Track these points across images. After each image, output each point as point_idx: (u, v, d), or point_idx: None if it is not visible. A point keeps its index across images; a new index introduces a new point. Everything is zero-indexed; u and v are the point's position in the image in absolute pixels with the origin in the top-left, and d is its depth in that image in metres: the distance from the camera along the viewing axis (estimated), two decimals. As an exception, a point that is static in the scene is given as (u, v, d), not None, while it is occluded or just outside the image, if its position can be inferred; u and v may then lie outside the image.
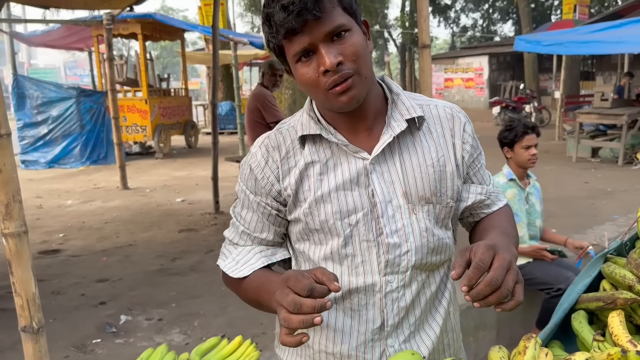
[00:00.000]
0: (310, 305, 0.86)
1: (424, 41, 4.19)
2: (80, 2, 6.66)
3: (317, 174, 1.12)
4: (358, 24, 1.07)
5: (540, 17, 31.95)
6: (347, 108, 1.06)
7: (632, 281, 1.42)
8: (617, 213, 5.63)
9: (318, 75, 1.01)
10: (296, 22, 0.97)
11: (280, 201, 1.16)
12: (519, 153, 3.27)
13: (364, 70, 1.04)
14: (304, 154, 1.13)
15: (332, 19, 0.99)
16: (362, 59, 1.03)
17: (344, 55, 1.00)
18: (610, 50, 9.79)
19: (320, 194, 1.11)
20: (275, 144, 1.15)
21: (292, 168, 1.13)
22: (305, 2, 0.96)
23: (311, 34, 0.99)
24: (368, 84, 1.07)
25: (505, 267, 0.88)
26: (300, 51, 1.01)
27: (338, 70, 1.00)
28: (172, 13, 48.94)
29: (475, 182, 1.22)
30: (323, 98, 1.05)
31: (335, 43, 1.01)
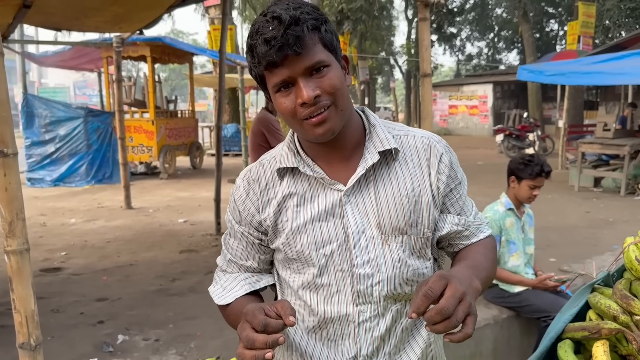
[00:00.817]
0: (262, 341, 0.92)
1: (425, 70, 4.27)
2: (91, 25, 6.81)
3: (294, 206, 1.16)
4: (337, 59, 1.11)
5: (545, 47, 32.25)
6: (323, 139, 1.10)
7: (617, 312, 1.45)
8: (617, 243, 5.62)
9: (295, 106, 1.06)
10: (277, 57, 1.02)
11: (261, 231, 1.22)
12: (523, 188, 3.30)
13: (341, 103, 1.08)
14: (282, 186, 1.18)
15: (312, 55, 1.04)
16: (340, 92, 1.07)
17: (321, 88, 1.05)
18: (612, 81, 9.89)
19: (297, 225, 1.15)
20: (256, 177, 1.21)
21: (271, 200, 1.19)
22: (287, 38, 1.00)
23: (290, 67, 1.03)
24: (345, 116, 1.11)
25: (457, 298, 0.90)
26: (279, 82, 1.06)
27: (315, 102, 1.05)
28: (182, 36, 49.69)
29: (452, 212, 1.22)
30: (299, 128, 1.10)
31: (314, 77, 1.05)
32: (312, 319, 1.18)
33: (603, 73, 8.34)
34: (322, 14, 1.08)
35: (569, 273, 4.16)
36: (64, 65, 14.92)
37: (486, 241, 1.26)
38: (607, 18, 18.93)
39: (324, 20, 1.08)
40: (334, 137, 1.11)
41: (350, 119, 1.16)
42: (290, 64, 1.03)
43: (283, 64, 1.03)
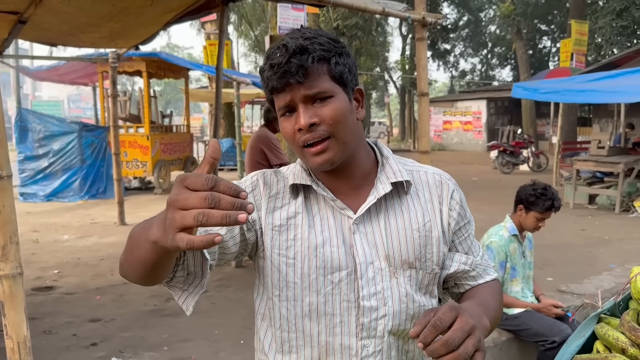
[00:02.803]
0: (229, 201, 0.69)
1: (422, 89, 4.28)
2: (87, 41, 6.79)
3: (305, 225, 1.12)
4: (347, 92, 1.10)
5: (538, 64, 32.61)
6: (321, 169, 1.11)
7: (625, 344, 1.42)
8: (614, 262, 5.62)
9: (294, 132, 1.07)
10: (278, 83, 1.04)
11: (249, 223, 1.12)
12: (530, 219, 3.28)
13: (342, 135, 1.07)
14: (296, 202, 1.14)
15: (314, 84, 1.05)
16: (342, 124, 1.07)
17: (320, 117, 1.05)
18: (606, 99, 9.97)
19: (307, 246, 1.11)
20: (269, 182, 1.17)
21: (279, 209, 1.14)
22: (290, 66, 1.02)
23: (292, 93, 1.05)
24: (347, 148, 1.10)
25: (467, 331, 0.87)
26: (283, 107, 1.08)
27: (311, 130, 1.05)
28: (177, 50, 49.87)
29: (460, 251, 1.21)
30: (300, 153, 1.10)
31: (316, 105, 1.06)
32: (311, 350, 1.13)
33: (597, 91, 8.41)
34: (338, 46, 1.08)
35: (567, 294, 4.14)
36: (58, 80, 14.90)
37: (493, 284, 1.25)
38: (599, 36, 19.15)
39: (337, 52, 1.08)
40: (341, 165, 1.11)
41: (358, 150, 1.15)
42: (291, 90, 1.05)
43: (284, 90, 1.05)
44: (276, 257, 1.12)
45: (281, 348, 1.15)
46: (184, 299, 1.05)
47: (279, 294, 1.13)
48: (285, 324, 1.13)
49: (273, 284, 1.13)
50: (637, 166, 9.36)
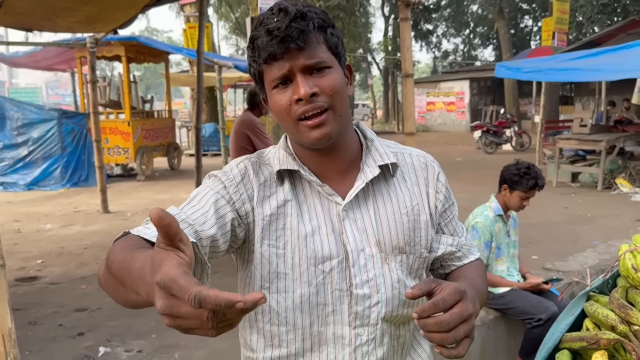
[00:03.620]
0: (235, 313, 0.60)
1: (407, 70, 4.25)
2: (64, 26, 6.64)
3: (295, 214, 1.08)
4: (341, 65, 1.07)
5: (519, 43, 32.70)
6: (318, 144, 1.04)
7: (615, 321, 1.43)
8: (597, 239, 5.70)
9: (290, 104, 1.01)
10: (278, 48, 0.98)
11: (239, 221, 1.07)
12: (514, 198, 3.29)
13: (340, 108, 1.04)
14: (284, 189, 1.09)
15: (314, 53, 1.00)
16: (339, 96, 1.03)
17: (320, 87, 1.01)
18: (588, 77, 10.04)
19: (297, 235, 1.07)
20: (257, 169, 1.12)
21: (268, 198, 1.09)
22: (290, 30, 0.97)
23: (291, 61, 1.00)
24: (343, 123, 1.06)
25: (464, 317, 0.86)
26: (278, 77, 1.02)
27: (311, 101, 1.00)
28: (156, 34, 49.11)
29: (446, 233, 1.20)
30: (294, 128, 1.04)
31: (314, 76, 1.01)
32: (302, 342, 1.10)
33: (579, 70, 8.45)
34: (330, 19, 1.06)
35: (552, 271, 4.19)
36: (35, 66, 14.59)
37: (478, 263, 1.24)
38: (580, 14, 19.23)
39: (331, 24, 1.05)
40: (331, 146, 1.07)
41: (348, 129, 1.11)
42: (291, 57, 0.99)
43: (283, 57, 0.99)
44: (266, 248, 1.07)
45: (270, 342, 1.12)
46: None
47: (268, 286, 1.08)
48: (275, 318, 1.09)
49: (262, 276, 1.08)
50: (618, 143, 9.48)
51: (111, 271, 0.81)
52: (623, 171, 9.45)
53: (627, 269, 1.51)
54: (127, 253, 0.79)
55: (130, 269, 0.74)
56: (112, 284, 0.82)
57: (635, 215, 7.01)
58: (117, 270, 0.79)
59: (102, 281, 0.88)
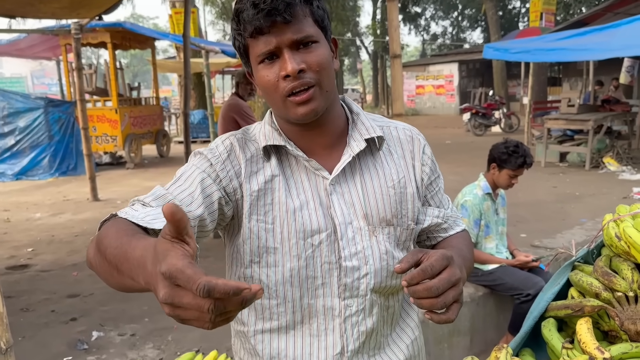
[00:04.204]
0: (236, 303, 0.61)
1: (395, 51, 4.25)
2: (47, 12, 6.55)
3: (282, 189, 1.08)
4: (327, 39, 1.06)
5: (508, 25, 32.64)
6: (304, 120, 1.04)
7: (599, 289, 1.46)
8: (585, 217, 5.77)
9: (278, 80, 1.00)
10: (264, 21, 0.96)
11: (227, 199, 1.07)
12: (503, 176, 3.31)
13: (326, 84, 1.03)
14: (271, 165, 1.09)
15: (301, 27, 0.99)
16: (326, 72, 1.02)
17: (307, 63, 1.00)
18: (576, 57, 10.06)
19: (285, 210, 1.07)
20: (243, 145, 1.11)
21: (256, 174, 1.08)
22: (277, 3, 0.96)
23: (278, 36, 0.98)
24: (329, 98, 1.06)
25: (452, 282, 0.87)
26: (264, 52, 1.00)
27: (299, 77, 0.99)
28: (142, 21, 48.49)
29: (432, 205, 1.21)
30: (281, 104, 1.03)
31: (301, 51, 1.00)
32: (293, 315, 1.12)
33: (567, 49, 8.47)
34: None
35: (541, 248, 4.24)
36: (20, 54, 14.37)
37: (463, 234, 1.26)
38: (567, -5, 19.21)
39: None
40: (317, 121, 1.06)
41: (335, 104, 1.11)
42: (278, 32, 0.98)
43: (270, 31, 0.98)
44: (255, 224, 1.07)
45: (262, 316, 1.13)
46: None
47: (258, 261, 1.09)
48: (265, 291, 1.11)
49: (252, 251, 1.09)
50: (606, 123, 9.55)
51: (105, 256, 0.81)
52: (610, 150, 9.54)
53: (610, 237, 1.54)
54: (123, 239, 0.79)
55: (128, 257, 0.74)
56: (105, 268, 0.82)
57: (623, 192, 7.09)
58: (112, 256, 0.78)
59: (93, 264, 0.88)
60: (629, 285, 1.39)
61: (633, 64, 14.32)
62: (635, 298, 1.38)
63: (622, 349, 1.30)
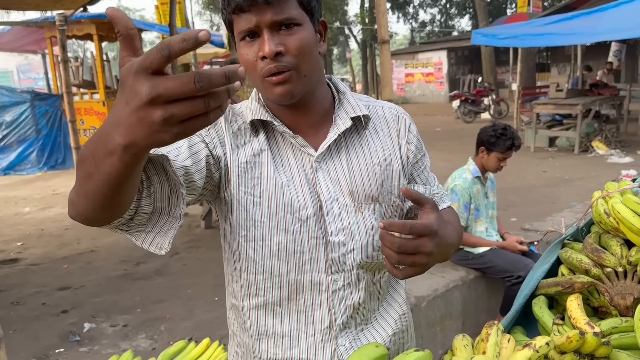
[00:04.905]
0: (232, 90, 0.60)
1: (382, 37, 4.22)
2: (31, 3, 6.45)
3: (270, 163, 1.08)
4: (313, 22, 1.05)
5: (495, 11, 32.64)
6: (281, 101, 1.04)
7: (588, 265, 1.46)
8: (574, 200, 5.81)
9: (256, 60, 1.00)
10: (244, 1, 0.96)
11: (213, 162, 1.06)
12: (492, 159, 3.32)
13: (305, 68, 1.02)
14: (259, 140, 1.09)
15: (283, 9, 0.98)
16: (306, 56, 1.01)
17: (286, 47, 0.99)
18: (564, 41, 10.08)
19: (274, 184, 1.07)
20: (229, 119, 1.11)
21: (243, 147, 1.09)
22: None
23: (258, 16, 0.97)
24: (308, 83, 1.05)
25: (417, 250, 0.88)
26: (245, 30, 1.00)
27: (276, 60, 0.98)
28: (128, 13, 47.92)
29: (419, 183, 1.22)
30: (260, 83, 1.03)
31: (282, 33, 0.99)
32: (279, 290, 1.12)
33: (554, 34, 8.48)
34: None
35: (531, 232, 4.27)
36: (4, 48, 14.16)
37: (450, 210, 1.27)
38: (555, -20, 19.21)
39: None
40: (301, 101, 1.06)
41: (319, 85, 1.11)
42: (258, 12, 0.97)
43: (250, 11, 0.97)
44: (243, 196, 1.07)
45: (248, 291, 1.14)
46: (150, 240, 0.90)
47: (245, 234, 1.09)
48: (252, 266, 1.11)
49: (239, 224, 1.09)
50: (594, 107, 9.59)
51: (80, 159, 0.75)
52: (599, 134, 9.60)
53: (599, 214, 1.55)
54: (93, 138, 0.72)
55: (99, 132, 0.68)
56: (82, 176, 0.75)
57: (611, 175, 7.13)
58: (85, 153, 0.72)
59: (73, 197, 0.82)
60: (618, 261, 1.40)
61: (620, 48, 14.40)
62: (624, 273, 1.39)
63: (612, 323, 1.31)
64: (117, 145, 0.64)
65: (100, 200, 0.75)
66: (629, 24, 7.31)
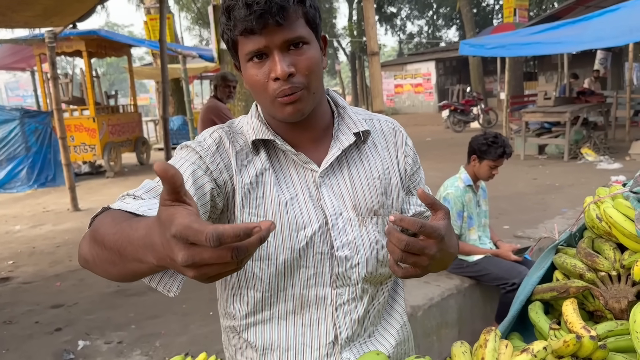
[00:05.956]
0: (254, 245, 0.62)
1: (372, 48, 4.26)
2: (20, 21, 6.45)
3: (273, 182, 1.08)
4: (317, 39, 1.06)
5: (482, 22, 32.99)
6: (291, 119, 1.05)
7: (583, 270, 1.48)
8: (565, 206, 5.85)
9: (267, 80, 1.00)
10: (256, 23, 0.95)
11: (218, 191, 1.06)
12: (484, 167, 3.35)
13: (314, 86, 1.03)
14: (261, 159, 1.10)
15: (293, 28, 0.98)
16: (315, 75, 1.02)
17: (297, 67, 0.99)
18: (550, 50, 10.21)
19: (278, 203, 1.07)
20: (231, 138, 1.11)
21: (246, 167, 1.09)
22: (270, 5, 0.94)
23: (269, 37, 0.97)
24: (316, 99, 1.06)
25: (421, 252, 0.86)
26: (254, 51, 0.99)
27: (288, 81, 0.99)
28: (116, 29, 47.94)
29: (415, 195, 1.23)
30: (269, 104, 1.03)
31: (291, 53, 1.00)
32: (285, 304, 1.12)
33: (541, 43, 8.59)
34: None
35: (524, 239, 4.29)
36: (-7, 66, 14.15)
37: None
38: (539, -10, 19.49)
39: None
40: (304, 117, 1.07)
41: (321, 101, 1.12)
42: (269, 33, 0.97)
43: (261, 33, 0.97)
44: (247, 217, 1.07)
45: (254, 309, 1.14)
46: (158, 279, 0.90)
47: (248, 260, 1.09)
48: (258, 284, 1.11)
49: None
50: (582, 114, 9.70)
51: (104, 244, 0.79)
52: (588, 141, 9.69)
53: (592, 219, 1.56)
54: (121, 225, 0.77)
55: (132, 238, 0.72)
56: (105, 257, 0.80)
57: (601, 182, 7.20)
58: (113, 242, 0.76)
59: (89, 259, 0.86)
60: (612, 265, 1.41)
61: (606, 56, 14.60)
62: (618, 277, 1.41)
63: (607, 327, 1.33)
64: (150, 262, 0.69)
65: (119, 278, 0.84)
66: (613, 32, 7.44)
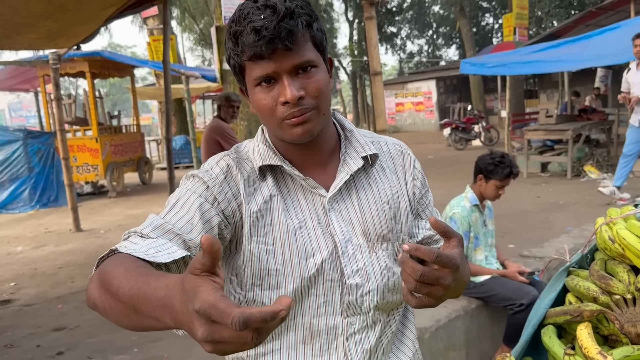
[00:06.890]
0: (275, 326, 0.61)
1: (375, 68, 4.28)
2: (25, 43, 6.50)
3: (281, 208, 1.06)
4: (325, 61, 1.06)
5: (482, 41, 33.27)
6: (300, 140, 1.03)
7: (596, 293, 1.45)
8: (570, 225, 5.81)
9: (276, 104, 0.99)
10: (266, 49, 0.94)
11: (227, 222, 1.04)
12: (490, 187, 3.33)
13: (324, 107, 1.03)
14: (268, 185, 1.07)
15: (302, 53, 0.98)
16: (324, 96, 1.02)
17: (306, 90, 0.99)
18: (552, 68, 10.27)
19: (286, 230, 1.05)
20: (239, 165, 1.09)
21: (254, 194, 1.07)
22: (278, 31, 0.93)
23: (277, 62, 0.96)
24: (325, 120, 1.06)
25: (436, 282, 0.84)
26: (262, 76, 0.98)
27: (298, 104, 0.98)
28: (120, 49, 48.44)
29: (424, 218, 1.21)
30: (277, 127, 1.02)
31: (300, 76, 0.99)
32: (295, 334, 1.09)
33: (542, 62, 8.64)
34: (313, 11, 1.02)
35: (530, 258, 4.26)
36: (-3, 87, 14.25)
37: None
38: (539, 9, 19.69)
39: (315, 17, 1.02)
40: (312, 140, 1.05)
41: (328, 123, 1.11)
42: (278, 58, 0.96)
43: (270, 58, 0.96)
44: (255, 246, 1.05)
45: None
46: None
47: (260, 284, 1.06)
48: None
49: (253, 274, 1.06)
50: (584, 132, 9.69)
51: (118, 297, 0.78)
52: (590, 158, 9.67)
53: (604, 241, 1.54)
54: (137, 279, 0.76)
55: (149, 297, 0.72)
56: (119, 309, 0.79)
57: (605, 199, 7.17)
58: (128, 297, 0.75)
59: (99, 305, 0.85)
60: (627, 288, 1.39)
61: (606, 74, 14.66)
62: (633, 300, 1.38)
63: (624, 352, 1.29)
64: (167, 323, 0.70)
65: (131, 329, 0.82)
66: (614, 50, 7.47)
